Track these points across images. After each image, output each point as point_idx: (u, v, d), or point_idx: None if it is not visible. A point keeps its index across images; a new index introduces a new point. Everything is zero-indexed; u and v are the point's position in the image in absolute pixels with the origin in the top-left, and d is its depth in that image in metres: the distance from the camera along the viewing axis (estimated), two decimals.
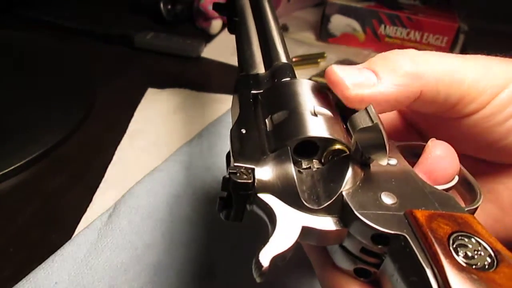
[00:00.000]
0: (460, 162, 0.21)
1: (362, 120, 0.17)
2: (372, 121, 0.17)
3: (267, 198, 0.18)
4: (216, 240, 0.34)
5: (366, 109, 0.17)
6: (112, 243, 0.32)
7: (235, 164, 0.18)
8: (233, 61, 0.61)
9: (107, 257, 0.31)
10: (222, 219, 0.37)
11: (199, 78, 0.58)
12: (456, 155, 0.21)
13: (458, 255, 0.14)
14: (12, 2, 0.67)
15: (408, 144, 0.23)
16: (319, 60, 0.63)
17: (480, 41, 0.87)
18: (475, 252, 0.15)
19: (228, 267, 0.33)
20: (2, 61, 0.53)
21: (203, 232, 0.35)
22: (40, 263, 0.31)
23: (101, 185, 0.39)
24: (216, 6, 0.37)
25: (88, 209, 0.36)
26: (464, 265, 0.14)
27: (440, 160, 0.20)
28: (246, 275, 0.32)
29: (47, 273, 0.30)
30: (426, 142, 0.21)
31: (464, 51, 0.73)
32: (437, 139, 0.21)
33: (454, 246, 0.15)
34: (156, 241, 0.33)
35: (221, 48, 0.64)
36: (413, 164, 0.20)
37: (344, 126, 0.21)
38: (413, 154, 0.22)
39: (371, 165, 0.19)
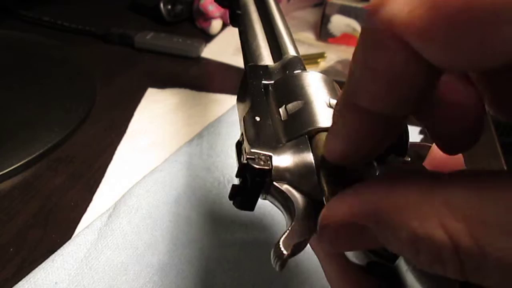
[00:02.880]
0: None
1: None
2: None
3: (284, 187, 0.18)
4: (216, 240, 0.34)
5: None
6: (112, 243, 0.32)
7: (252, 150, 0.18)
8: (233, 61, 0.61)
9: (107, 257, 0.31)
10: (222, 219, 0.38)
11: (199, 78, 0.58)
12: (461, 156, 0.20)
13: None
14: (12, 2, 0.67)
15: (414, 144, 0.23)
16: (319, 60, 0.63)
17: None
18: None
19: (228, 267, 0.33)
20: (2, 61, 0.53)
21: (203, 232, 0.35)
22: (40, 263, 0.30)
23: (101, 185, 0.38)
24: None
25: (88, 209, 0.36)
26: None
27: (446, 161, 0.20)
28: (246, 275, 0.32)
29: (47, 273, 0.30)
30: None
31: None
32: None
33: None
34: (156, 241, 0.33)
35: (221, 48, 0.64)
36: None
37: None
38: (417, 155, 0.22)
39: (387, 159, 0.18)
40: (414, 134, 0.48)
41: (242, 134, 0.21)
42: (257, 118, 0.20)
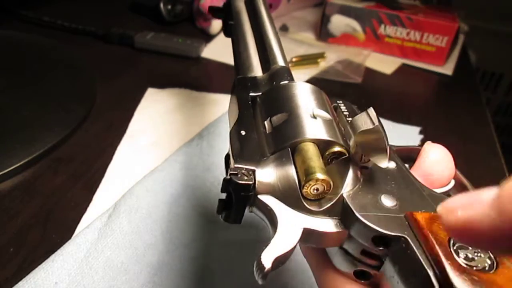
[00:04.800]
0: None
1: (363, 123, 0.17)
2: (373, 123, 0.17)
3: (268, 199, 0.18)
4: (216, 240, 0.35)
5: (366, 111, 0.17)
6: (112, 243, 0.32)
7: (236, 165, 0.18)
8: (233, 61, 0.61)
9: (107, 257, 0.31)
10: (222, 219, 0.37)
11: (199, 78, 0.58)
12: (452, 158, 0.21)
13: (459, 256, 0.15)
14: (12, 2, 0.67)
15: (404, 148, 0.23)
16: (319, 60, 0.63)
17: (480, 41, 0.87)
18: (475, 254, 0.15)
19: (228, 267, 0.33)
20: (2, 61, 0.53)
21: (203, 232, 0.35)
22: (40, 263, 0.30)
23: (101, 185, 0.38)
24: (211, 10, 0.37)
25: (88, 209, 0.36)
26: (465, 266, 0.14)
27: (436, 164, 0.20)
28: (245, 275, 0.32)
29: (47, 273, 0.30)
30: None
31: (464, 51, 0.73)
32: None
33: (455, 248, 0.15)
34: (156, 241, 0.33)
35: (221, 48, 0.64)
36: (409, 167, 0.21)
37: (343, 129, 0.21)
38: (409, 158, 0.22)
39: (370, 167, 0.19)
40: (414, 134, 0.48)
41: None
42: (243, 132, 0.20)
